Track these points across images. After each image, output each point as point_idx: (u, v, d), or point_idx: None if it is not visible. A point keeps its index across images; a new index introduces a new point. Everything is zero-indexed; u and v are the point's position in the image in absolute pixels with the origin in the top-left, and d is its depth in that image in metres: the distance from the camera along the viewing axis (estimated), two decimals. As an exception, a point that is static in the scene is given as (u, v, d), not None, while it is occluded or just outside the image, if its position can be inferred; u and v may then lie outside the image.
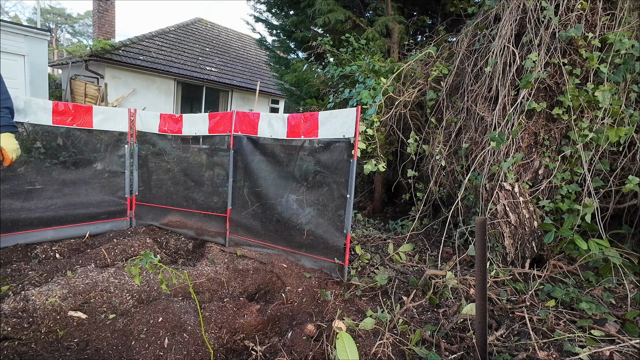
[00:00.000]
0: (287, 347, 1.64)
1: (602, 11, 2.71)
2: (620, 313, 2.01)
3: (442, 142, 3.38)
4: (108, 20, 11.34)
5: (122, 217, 3.34)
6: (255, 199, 2.95)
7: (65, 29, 34.57)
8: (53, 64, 12.27)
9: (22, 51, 8.81)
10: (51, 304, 1.89)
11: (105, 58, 9.51)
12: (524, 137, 2.89)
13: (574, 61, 2.75)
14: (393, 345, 1.71)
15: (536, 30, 2.84)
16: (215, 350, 1.66)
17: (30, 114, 2.68)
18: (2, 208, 2.63)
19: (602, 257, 2.39)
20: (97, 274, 2.22)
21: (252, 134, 2.85)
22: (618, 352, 1.60)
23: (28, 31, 8.88)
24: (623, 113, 2.58)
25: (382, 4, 4.86)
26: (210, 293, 2.27)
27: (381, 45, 4.65)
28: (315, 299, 2.21)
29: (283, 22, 6.43)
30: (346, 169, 2.40)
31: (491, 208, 2.70)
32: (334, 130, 2.43)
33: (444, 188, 3.43)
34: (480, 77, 3.17)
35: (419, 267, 2.77)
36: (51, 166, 2.92)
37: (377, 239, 3.41)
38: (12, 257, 2.52)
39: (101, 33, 11.12)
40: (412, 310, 2.08)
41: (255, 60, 14.22)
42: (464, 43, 3.43)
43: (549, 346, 1.71)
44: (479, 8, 3.56)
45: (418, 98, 3.67)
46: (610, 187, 2.70)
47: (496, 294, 2.25)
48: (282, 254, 2.76)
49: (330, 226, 2.54)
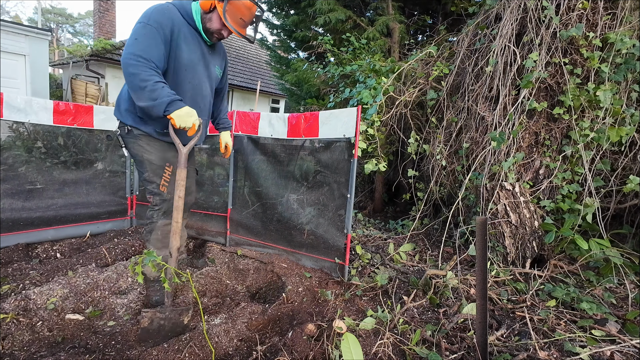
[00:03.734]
0: (288, 346, 1.64)
1: (603, 11, 2.70)
2: (621, 313, 2.01)
3: (443, 142, 3.38)
4: (109, 20, 11.35)
5: (122, 217, 3.34)
6: (256, 198, 2.95)
7: (66, 28, 34.62)
8: (54, 64, 12.29)
9: (23, 51, 8.82)
10: (52, 303, 1.90)
11: (106, 58, 9.52)
12: (524, 137, 2.88)
13: (575, 61, 2.74)
14: (394, 345, 1.71)
15: (537, 30, 2.83)
16: (216, 349, 1.66)
17: (31, 114, 2.68)
18: (3, 208, 2.64)
19: (603, 257, 2.38)
20: (98, 274, 2.23)
21: (252, 133, 2.85)
22: (619, 352, 1.60)
23: (29, 31, 8.90)
24: (624, 113, 2.58)
25: (382, 3, 4.85)
26: (211, 292, 2.27)
27: (382, 44, 4.65)
28: (315, 298, 2.21)
29: (283, 22, 6.43)
30: (347, 169, 2.40)
31: (492, 208, 2.70)
32: (335, 130, 2.43)
33: (445, 188, 3.43)
34: (481, 77, 3.17)
35: (419, 266, 2.77)
36: (52, 166, 2.93)
37: (377, 238, 3.41)
38: (13, 256, 2.52)
39: (102, 33, 11.13)
40: (413, 310, 2.08)
41: (255, 59, 14.22)
42: (465, 42, 3.42)
43: (550, 346, 1.71)
44: (479, 7, 3.56)
45: (419, 98, 3.67)
46: (611, 187, 2.70)
47: (497, 294, 2.25)
48: (282, 254, 2.76)
49: (330, 226, 2.54)
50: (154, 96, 1.70)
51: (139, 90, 1.71)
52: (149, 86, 1.69)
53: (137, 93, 1.72)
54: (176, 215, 1.83)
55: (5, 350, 1.58)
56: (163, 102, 1.71)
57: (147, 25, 1.75)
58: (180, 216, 1.84)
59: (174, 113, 1.75)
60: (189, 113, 1.79)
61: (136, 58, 1.69)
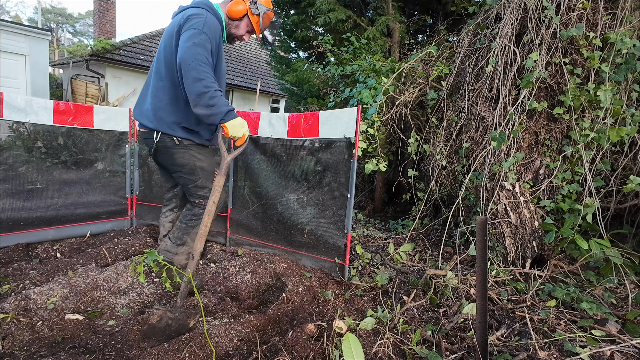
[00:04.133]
0: (288, 346, 1.64)
1: (603, 10, 2.70)
2: (621, 313, 2.00)
3: (443, 142, 3.38)
4: (109, 20, 11.35)
5: (123, 217, 3.34)
6: (256, 198, 2.95)
7: (66, 28, 34.63)
8: (54, 64, 12.29)
9: (23, 51, 8.82)
10: (52, 303, 1.90)
11: (106, 58, 9.52)
12: (524, 137, 2.88)
13: (575, 61, 2.74)
14: (394, 344, 1.71)
15: (537, 30, 2.83)
16: (216, 349, 1.66)
17: (31, 114, 2.68)
18: (4, 207, 2.64)
19: (603, 257, 2.38)
20: (98, 274, 2.23)
21: (252, 133, 2.85)
22: (619, 352, 1.59)
23: (29, 31, 8.89)
24: (624, 113, 2.58)
25: (382, 3, 4.85)
26: (211, 292, 2.27)
27: (382, 44, 4.64)
28: (315, 298, 2.21)
29: (284, 22, 6.43)
30: (347, 169, 2.40)
31: (492, 208, 2.70)
32: (335, 130, 2.43)
33: (445, 188, 3.43)
34: (481, 77, 3.17)
35: (419, 266, 2.77)
36: (52, 166, 2.93)
37: (377, 238, 3.41)
38: (13, 256, 2.52)
39: (102, 33, 11.12)
40: (413, 310, 2.08)
41: (255, 59, 14.22)
42: (465, 42, 3.42)
43: (550, 346, 1.71)
44: (479, 7, 3.56)
45: (419, 98, 3.67)
46: (611, 187, 2.70)
47: (497, 294, 2.25)
48: (282, 254, 2.76)
49: (330, 226, 2.54)
50: (212, 103, 1.75)
51: (200, 95, 1.74)
52: (210, 92, 1.74)
53: (198, 98, 1.75)
54: (207, 220, 1.86)
55: (5, 350, 1.58)
56: (222, 111, 1.78)
57: (202, 32, 1.79)
58: (210, 221, 1.88)
59: (228, 122, 1.82)
60: (241, 124, 1.87)
61: (199, 63, 1.73)
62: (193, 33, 1.77)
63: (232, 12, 2.00)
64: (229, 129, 1.84)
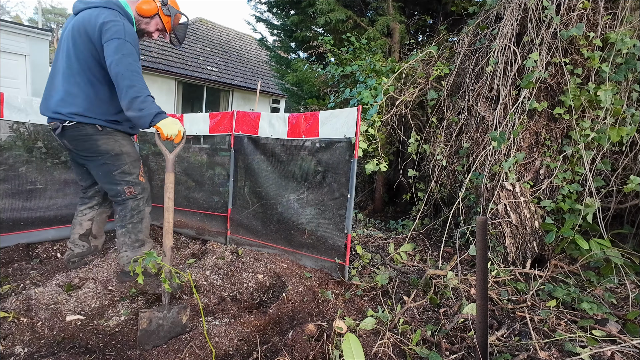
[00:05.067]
0: (288, 346, 1.64)
1: (603, 10, 2.70)
2: (622, 313, 2.00)
3: (443, 142, 3.38)
4: (109, 20, 11.31)
5: (123, 217, 3.34)
6: (256, 198, 2.95)
7: (67, 28, 34.57)
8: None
9: (24, 51, 8.81)
10: (53, 303, 1.90)
11: (106, 58, 9.48)
12: (525, 137, 2.88)
13: (575, 61, 2.74)
14: (394, 345, 1.71)
15: (537, 30, 2.83)
16: (216, 349, 1.66)
17: (31, 114, 2.68)
18: (4, 208, 2.64)
19: (604, 257, 2.38)
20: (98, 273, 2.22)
21: (252, 133, 2.85)
22: (619, 352, 1.59)
23: (29, 31, 8.89)
24: (625, 113, 2.58)
25: (383, 3, 4.85)
26: (211, 292, 2.27)
27: (382, 44, 4.64)
28: (316, 298, 2.21)
29: (284, 22, 6.44)
30: (347, 169, 2.40)
31: (492, 208, 2.70)
32: (335, 130, 2.43)
33: (445, 188, 3.43)
34: (482, 77, 3.17)
35: (419, 267, 2.77)
36: (52, 166, 2.93)
37: (377, 238, 3.41)
38: (13, 256, 2.52)
39: (102, 33, 11.09)
40: (413, 310, 2.08)
41: (256, 60, 14.21)
42: (465, 42, 3.42)
43: (550, 346, 1.71)
44: (480, 7, 3.56)
45: (419, 98, 3.67)
46: (611, 187, 2.70)
47: (497, 294, 2.25)
48: (282, 254, 2.76)
49: (331, 226, 2.54)
50: (143, 107, 1.87)
51: (132, 100, 1.86)
52: (141, 97, 1.87)
53: (130, 103, 1.87)
54: (168, 216, 1.90)
55: (5, 349, 1.58)
56: (151, 112, 1.88)
57: (126, 42, 1.90)
58: (172, 217, 1.92)
59: (160, 123, 1.91)
60: (173, 122, 1.95)
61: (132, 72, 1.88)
62: (118, 44, 1.87)
63: (142, 10, 2.12)
64: (162, 129, 1.91)
